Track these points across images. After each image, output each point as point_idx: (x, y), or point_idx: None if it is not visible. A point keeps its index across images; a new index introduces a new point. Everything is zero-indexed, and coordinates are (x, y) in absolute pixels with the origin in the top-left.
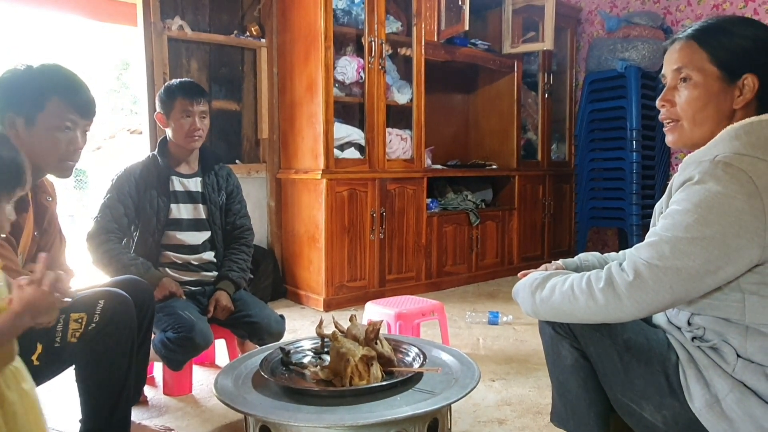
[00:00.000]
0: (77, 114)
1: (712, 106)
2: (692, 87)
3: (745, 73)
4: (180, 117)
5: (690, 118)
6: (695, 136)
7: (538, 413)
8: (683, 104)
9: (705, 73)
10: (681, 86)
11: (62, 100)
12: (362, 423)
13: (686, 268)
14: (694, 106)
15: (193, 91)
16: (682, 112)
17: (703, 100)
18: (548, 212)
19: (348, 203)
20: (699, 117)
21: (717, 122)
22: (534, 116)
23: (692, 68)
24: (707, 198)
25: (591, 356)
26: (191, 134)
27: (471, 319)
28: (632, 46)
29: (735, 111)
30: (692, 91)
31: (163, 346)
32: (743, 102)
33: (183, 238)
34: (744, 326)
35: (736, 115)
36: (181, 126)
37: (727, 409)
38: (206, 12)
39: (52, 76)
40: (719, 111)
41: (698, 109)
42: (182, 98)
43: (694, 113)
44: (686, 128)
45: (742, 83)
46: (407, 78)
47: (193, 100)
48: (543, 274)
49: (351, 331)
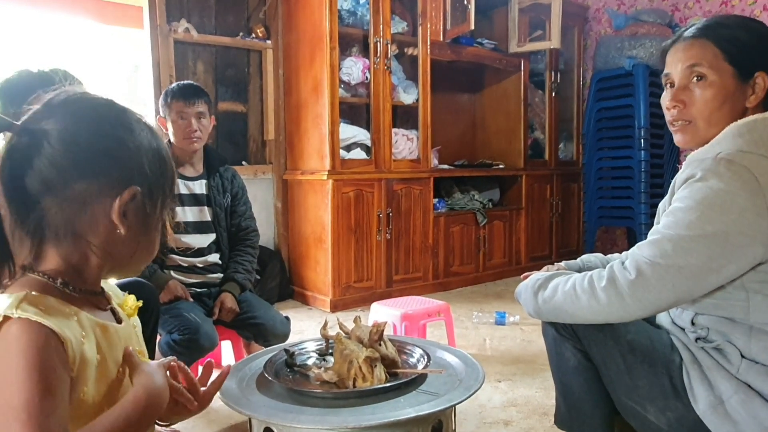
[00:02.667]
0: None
1: (728, 106)
2: (708, 86)
3: (757, 71)
4: (177, 119)
5: (706, 119)
6: (709, 136)
7: (544, 414)
8: (700, 104)
9: (721, 72)
10: (694, 85)
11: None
12: (365, 425)
13: (689, 266)
14: (711, 105)
15: (187, 93)
16: (698, 113)
17: (720, 100)
18: (556, 212)
19: (354, 204)
20: (715, 117)
21: (731, 121)
22: (541, 115)
23: (707, 66)
24: (710, 195)
25: (594, 358)
26: (189, 136)
27: (478, 319)
28: (640, 44)
29: (746, 110)
30: (708, 90)
31: (169, 348)
32: (756, 101)
33: (188, 241)
34: (748, 326)
35: (746, 114)
36: (179, 128)
37: (732, 410)
38: (212, 14)
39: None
40: (733, 110)
41: (715, 109)
42: (177, 100)
43: (711, 113)
44: (701, 128)
45: (754, 82)
46: (413, 78)
47: (187, 102)
48: (545, 274)
49: (355, 333)
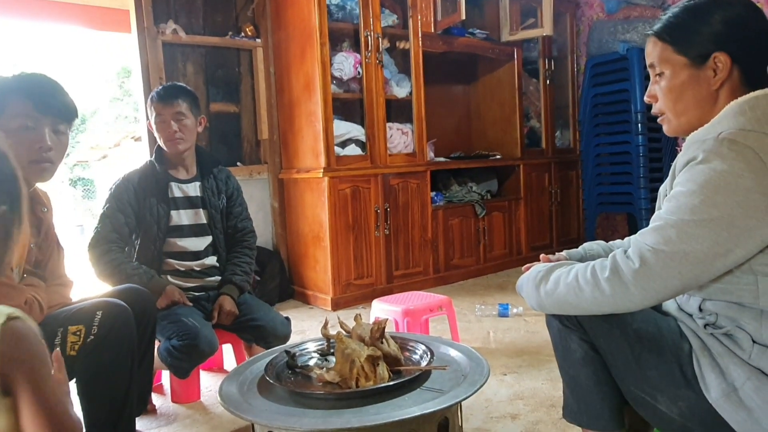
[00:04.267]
0: (36, 111)
1: (689, 94)
2: (665, 80)
3: (712, 53)
4: (157, 122)
5: (671, 110)
6: (683, 125)
7: (552, 406)
8: (662, 98)
9: (673, 64)
10: (657, 80)
11: (22, 100)
12: (370, 425)
13: (694, 252)
14: (670, 98)
15: (164, 94)
16: (663, 106)
17: (676, 91)
18: (555, 200)
19: (351, 200)
20: (678, 108)
21: (700, 107)
22: (536, 104)
23: (659, 63)
24: (713, 177)
25: (601, 348)
26: (170, 138)
27: (481, 312)
28: (633, 28)
29: (717, 92)
30: (665, 84)
31: (168, 354)
32: (720, 81)
33: (185, 244)
34: (758, 310)
35: (720, 94)
36: (160, 130)
37: (745, 397)
38: (200, 14)
39: (17, 80)
40: (697, 97)
41: (675, 100)
42: (156, 103)
43: (673, 105)
44: (672, 120)
45: (714, 64)
46: (405, 71)
47: (164, 103)
48: (547, 266)
49: (356, 331)
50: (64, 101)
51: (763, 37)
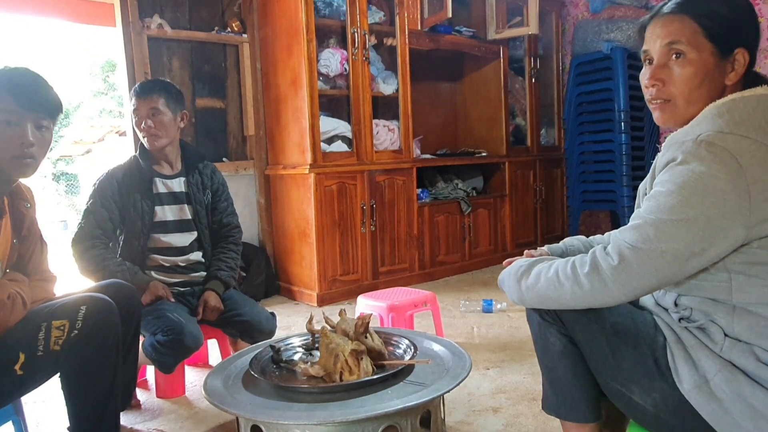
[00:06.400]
0: (19, 106)
1: (708, 84)
2: (687, 64)
3: (737, 48)
4: (135, 117)
5: (685, 97)
6: (688, 115)
7: (533, 400)
8: (679, 82)
9: (700, 49)
10: (673, 63)
11: (4, 95)
12: (353, 418)
13: (671, 250)
14: (691, 84)
15: (141, 90)
16: (677, 91)
17: (699, 78)
18: (540, 197)
19: (337, 197)
20: (694, 95)
21: (711, 99)
22: (522, 102)
23: (686, 43)
24: (691, 179)
25: (579, 342)
26: (147, 133)
27: (465, 307)
28: (617, 27)
29: (726, 87)
30: (688, 68)
31: (153, 350)
32: (736, 78)
33: (169, 240)
34: (731, 305)
35: (727, 90)
36: (137, 126)
37: (716, 389)
38: (185, 9)
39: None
40: (712, 88)
41: (694, 87)
42: (134, 99)
43: (690, 91)
44: (680, 107)
45: (734, 58)
46: (392, 68)
47: (139, 98)
48: (528, 261)
49: (340, 326)
50: (48, 96)
51: (759, 38)
